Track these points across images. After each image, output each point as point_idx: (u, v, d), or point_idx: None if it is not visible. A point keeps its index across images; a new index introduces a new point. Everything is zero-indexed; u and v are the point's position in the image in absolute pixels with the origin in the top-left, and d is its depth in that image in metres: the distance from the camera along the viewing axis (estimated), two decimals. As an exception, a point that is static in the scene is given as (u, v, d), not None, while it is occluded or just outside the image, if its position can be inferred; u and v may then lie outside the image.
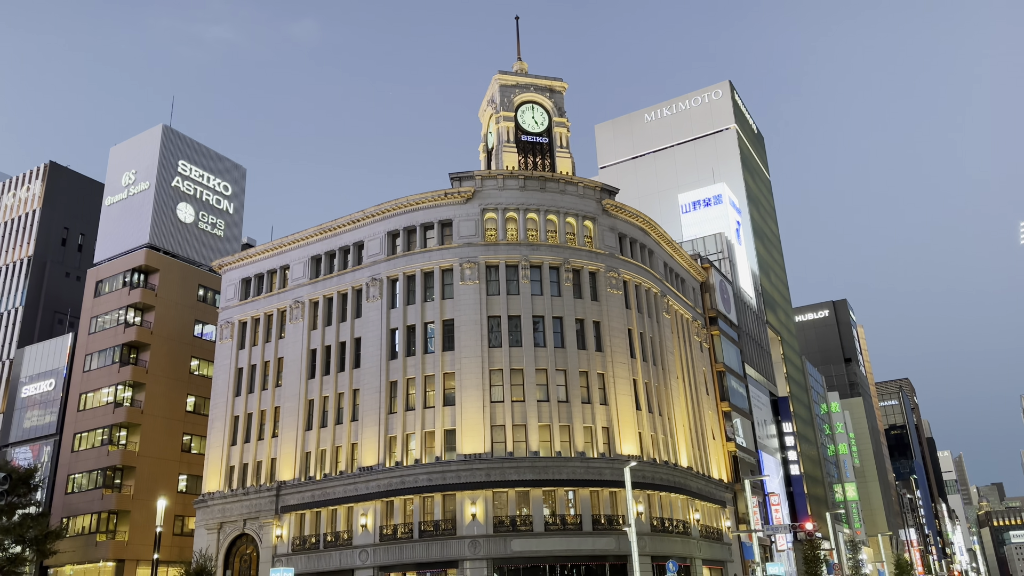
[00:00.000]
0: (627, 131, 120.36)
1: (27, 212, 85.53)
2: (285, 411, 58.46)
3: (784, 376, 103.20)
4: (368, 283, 57.48)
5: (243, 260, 65.51)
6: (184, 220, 77.38)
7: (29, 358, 76.23)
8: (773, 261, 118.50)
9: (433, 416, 52.41)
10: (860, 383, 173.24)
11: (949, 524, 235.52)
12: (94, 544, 63.73)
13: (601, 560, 49.77)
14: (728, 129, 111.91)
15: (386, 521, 51.35)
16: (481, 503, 49.02)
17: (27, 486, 56.66)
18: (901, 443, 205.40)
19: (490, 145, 64.72)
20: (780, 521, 76.01)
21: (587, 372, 54.18)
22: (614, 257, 58.35)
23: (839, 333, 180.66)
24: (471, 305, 54.02)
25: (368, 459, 52.99)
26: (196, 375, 72.37)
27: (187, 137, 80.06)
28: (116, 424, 66.93)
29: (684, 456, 59.27)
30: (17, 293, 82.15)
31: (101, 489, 65.26)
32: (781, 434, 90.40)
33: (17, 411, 74.95)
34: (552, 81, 63.94)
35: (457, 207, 56.69)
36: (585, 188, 58.91)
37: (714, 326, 74.06)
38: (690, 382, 65.26)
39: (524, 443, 51.07)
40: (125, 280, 71.94)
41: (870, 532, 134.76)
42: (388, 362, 55.00)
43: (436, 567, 49.37)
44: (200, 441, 69.65)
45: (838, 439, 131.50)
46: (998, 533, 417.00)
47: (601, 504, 50.94)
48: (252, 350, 62.43)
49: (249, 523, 56.80)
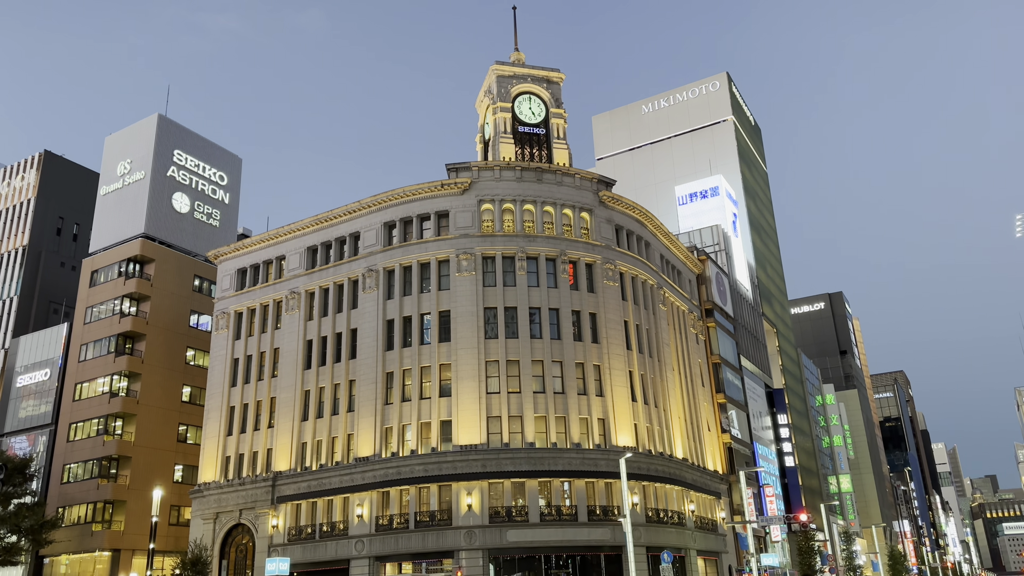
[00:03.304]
0: (624, 123, 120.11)
1: (22, 201, 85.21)
2: (281, 402, 58.45)
3: (779, 368, 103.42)
4: (364, 274, 57.40)
5: (239, 250, 65.36)
6: (180, 210, 77.14)
7: (24, 348, 76.07)
8: (769, 253, 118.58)
9: (429, 407, 52.44)
10: (855, 375, 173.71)
11: (943, 516, 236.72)
12: (90, 534, 63.76)
13: (596, 551, 49.95)
14: (725, 121, 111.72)
15: (382, 511, 51.45)
16: (477, 494, 49.11)
17: (23, 476, 56.58)
18: (896, 435, 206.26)
19: (487, 136, 64.56)
20: (775, 512, 76.25)
21: (583, 364, 54.24)
22: (611, 249, 58.33)
23: (835, 326, 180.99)
24: (467, 296, 53.99)
25: (364, 450, 53.04)
26: (192, 365, 72.29)
27: (183, 127, 79.76)
28: (112, 414, 66.86)
29: (679, 448, 59.42)
30: (12, 283, 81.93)
31: (97, 479, 65.24)
32: (776, 426, 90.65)
33: (12, 401, 74.84)
34: (549, 72, 63.76)
35: (454, 198, 56.59)
36: (582, 179, 58.83)
37: (710, 318, 74.13)
38: (686, 374, 65.38)
39: (520, 434, 51.15)
40: (120, 270, 71.75)
41: (864, 524, 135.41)
42: (384, 353, 54.99)
43: (432, 557, 49.49)
44: (196, 431, 69.64)
45: (833, 431, 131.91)
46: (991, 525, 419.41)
47: (596, 495, 51.08)
48: (248, 340, 62.37)
49: (245, 513, 56.86)
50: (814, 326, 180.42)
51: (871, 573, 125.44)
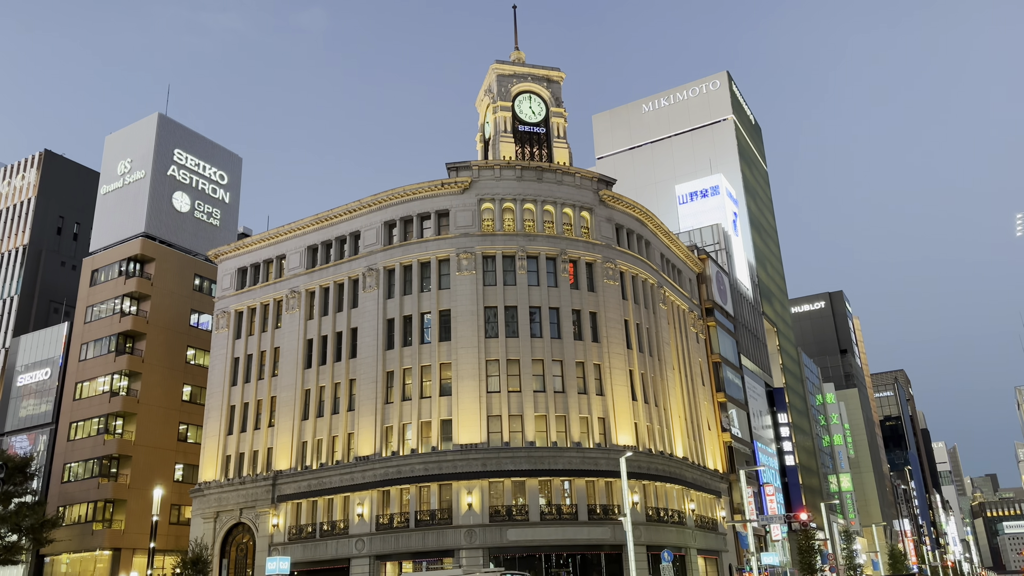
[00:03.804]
0: (625, 122, 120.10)
1: (22, 200, 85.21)
2: (281, 401, 58.48)
3: (780, 367, 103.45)
4: (365, 273, 57.41)
5: (239, 250, 65.38)
6: (180, 209, 77.15)
7: (25, 347, 76.10)
8: (770, 252, 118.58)
9: (429, 406, 52.46)
10: (855, 374, 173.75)
11: (943, 515, 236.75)
12: (90, 533, 63.80)
13: (596, 550, 49.97)
14: (726, 120, 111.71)
15: (382, 510, 51.48)
16: (477, 493, 49.14)
17: (23, 475, 56.60)
18: (896, 434, 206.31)
19: (487, 135, 64.55)
20: (775, 511, 76.32)
21: (583, 363, 54.24)
22: (611, 248, 58.32)
23: (835, 324, 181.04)
24: (468, 295, 54.00)
25: (364, 449, 53.06)
26: (192, 364, 72.31)
27: (183, 126, 79.76)
28: (112, 413, 66.89)
29: (680, 446, 59.43)
30: (12, 282, 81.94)
31: (97, 478, 65.27)
32: (776, 425, 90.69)
33: (13, 400, 74.88)
34: (549, 71, 63.74)
35: (454, 197, 56.60)
36: (582, 179, 58.83)
37: (710, 317, 74.14)
38: (686, 373, 65.39)
39: (520, 433, 51.17)
40: (121, 269, 71.76)
41: (864, 522, 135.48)
42: (384, 352, 55.00)
43: (432, 556, 49.54)
44: (196, 430, 69.67)
45: (833, 430, 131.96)
46: (991, 524, 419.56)
47: (597, 494, 51.10)
48: (248, 340, 62.39)
49: (245, 512, 56.90)
50: (814, 325, 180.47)
51: (871, 572, 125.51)
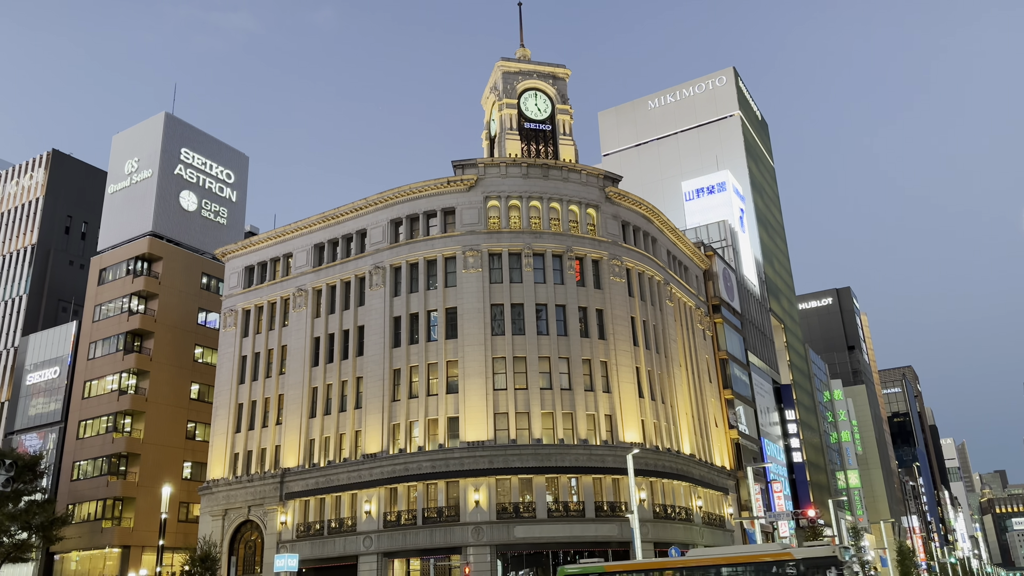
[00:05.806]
0: (630, 118, 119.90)
1: (30, 200, 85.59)
2: (289, 399, 58.65)
3: (787, 364, 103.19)
4: (371, 271, 57.51)
5: (246, 248, 65.55)
6: (187, 208, 77.40)
7: (34, 346, 76.50)
8: (776, 248, 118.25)
9: (436, 404, 52.55)
10: (863, 371, 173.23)
11: (951, 511, 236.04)
12: (99, 530, 64.16)
13: (604, 546, 49.98)
14: (732, 116, 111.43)
15: (390, 508, 51.60)
16: (484, 490, 49.22)
17: (33, 473, 57.05)
18: (904, 430, 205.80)
19: (493, 133, 64.54)
20: (782, 508, 76.24)
21: (590, 360, 54.23)
22: (617, 245, 58.26)
23: (842, 321, 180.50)
24: (474, 293, 54.04)
25: (372, 446, 53.19)
26: (200, 363, 72.58)
27: (190, 125, 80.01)
28: (120, 412, 67.22)
29: (687, 443, 59.39)
30: (21, 281, 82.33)
31: (106, 476, 65.63)
32: (784, 422, 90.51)
33: (22, 399, 75.31)
34: (555, 68, 63.66)
35: (460, 195, 56.61)
36: (588, 176, 58.76)
37: (717, 314, 74.00)
38: (693, 370, 65.30)
39: (527, 430, 51.21)
40: (128, 268, 72.06)
41: (872, 519, 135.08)
42: (391, 350, 55.11)
43: (440, 553, 49.67)
44: (204, 428, 69.94)
45: (841, 426, 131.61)
46: (1000, 520, 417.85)
47: (604, 491, 51.12)
48: (256, 338, 62.58)
49: (254, 510, 57.11)
50: (822, 321, 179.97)
51: (880, 569, 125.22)
